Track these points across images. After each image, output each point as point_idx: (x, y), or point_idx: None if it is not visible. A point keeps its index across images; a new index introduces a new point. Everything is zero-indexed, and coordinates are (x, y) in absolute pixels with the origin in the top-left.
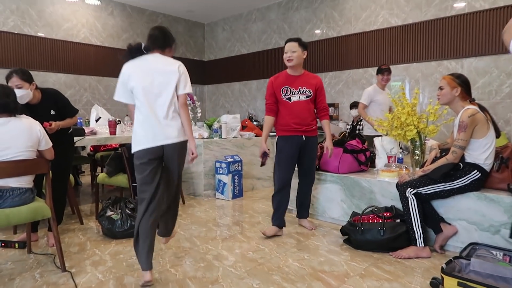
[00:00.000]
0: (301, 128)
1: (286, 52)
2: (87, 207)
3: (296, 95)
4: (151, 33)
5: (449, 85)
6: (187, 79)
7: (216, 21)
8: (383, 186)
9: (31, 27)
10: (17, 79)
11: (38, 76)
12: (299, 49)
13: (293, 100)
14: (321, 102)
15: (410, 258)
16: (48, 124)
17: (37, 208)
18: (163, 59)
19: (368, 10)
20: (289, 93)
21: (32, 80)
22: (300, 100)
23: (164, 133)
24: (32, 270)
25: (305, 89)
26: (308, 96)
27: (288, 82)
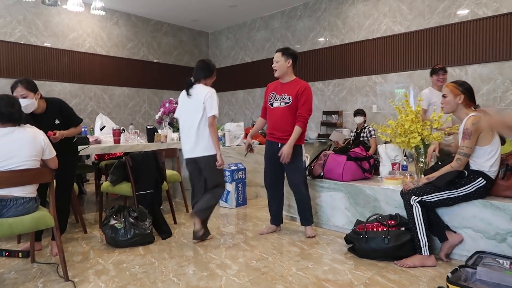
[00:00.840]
0: (276, 134)
1: (273, 62)
2: (91, 215)
3: (278, 101)
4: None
5: (452, 93)
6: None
7: (220, 30)
8: (387, 194)
9: (38, 37)
10: (22, 89)
11: (44, 86)
12: (282, 58)
13: (274, 106)
14: (299, 109)
15: (415, 267)
16: (52, 133)
17: (41, 218)
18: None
19: (371, 18)
20: (273, 99)
21: (36, 89)
22: (280, 107)
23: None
24: (35, 280)
25: (285, 96)
26: (287, 103)
27: (277, 89)
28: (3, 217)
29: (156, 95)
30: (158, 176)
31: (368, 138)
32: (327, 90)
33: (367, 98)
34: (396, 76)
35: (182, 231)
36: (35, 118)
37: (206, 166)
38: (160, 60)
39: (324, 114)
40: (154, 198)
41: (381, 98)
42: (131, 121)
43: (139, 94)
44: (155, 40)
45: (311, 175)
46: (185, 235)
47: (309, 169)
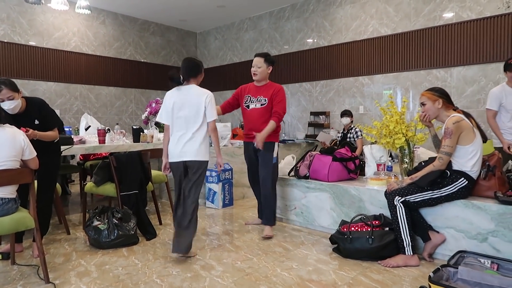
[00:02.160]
0: (252, 134)
1: (253, 66)
2: (75, 216)
3: (254, 103)
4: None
5: (430, 99)
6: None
7: (208, 30)
8: (372, 195)
9: (22, 36)
10: (7, 91)
11: (28, 85)
12: (264, 64)
13: (250, 108)
14: (274, 107)
15: (398, 267)
16: (25, 130)
17: (20, 219)
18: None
19: (358, 19)
20: (249, 101)
21: (18, 89)
22: (256, 108)
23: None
24: (14, 282)
25: (261, 98)
26: (263, 104)
27: (251, 91)
28: None
29: (143, 95)
30: (143, 176)
31: (355, 139)
32: (315, 91)
33: (354, 99)
34: (382, 77)
35: (167, 232)
36: (14, 117)
37: (197, 172)
38: (148, 60)
39: (312, 115)
40: (139, 198)
41: (368, 99)
42: (117, 121)
43: (126, 94)
44: (143, 39)
45: (297, 175)
46: (170, 236)
47: (295, 169)
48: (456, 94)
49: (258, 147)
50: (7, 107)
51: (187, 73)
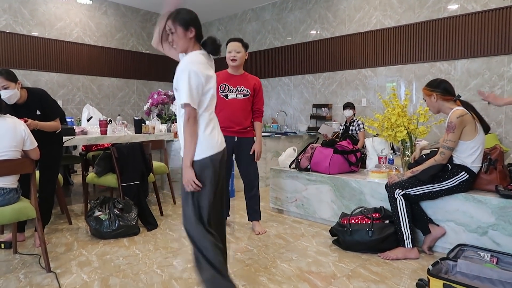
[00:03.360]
0: (233, 128)
1: (229, 51)
2: (77, 207)
3: (234, 93)
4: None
5: (426, 95)
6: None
7: (211, 21)
8: (372, 187)
9: (24, 26)
10: (2, 80)
11: (31, 76)
12: (243, 49)
13: (229, 98)
14: (257, 104)
15: (398, 259)
16: (24, 120)
17: (22, 209)
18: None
19: (361, 11)
20: (226, 90)
21: (17, 79)
22: (237, 98)
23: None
24: (16, 271)
25: (243, 88)
26: (245, 95)
27: (228, 80)
28: None
29: (146, 86)
30: (144, 167)
31: (357, 131)
32: (317, 83)
33: (357, 91)
34: (385, 69)
35: (168, 223)
36: (15, 108)
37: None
38: (150, 51)
39: (314, 107)
40: (140, 189)
41: (371, 92)
42: (119, 112)
43: (128, 85)
44: (145, 30)
45: (298, 167)
46: (171, 227)
47: (296, 161)
48: (460, 87)
49: (258, 159)
50: (3, 96)
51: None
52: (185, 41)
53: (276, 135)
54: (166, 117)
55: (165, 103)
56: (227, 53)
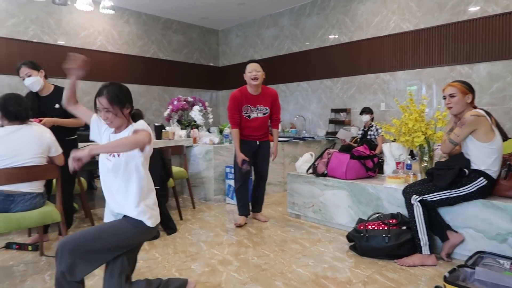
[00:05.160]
0: (255, 136)
1: (250, 71)
2: (100, 211)
3: (255, 112)
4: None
5: (462, 92)
6: None
7: (229, 28)
8: (389, 193)
9: (50, 35)
10: (25, 69)
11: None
12: (261, 70)
13: (252, 117)
14: (274, 114)
15: (415, 266)
16: (38, 120)
17: (47, 212)
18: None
19: (379, 15)
20: (249, 111)
21: (39, 68)
22: (258, 117)
23: None
24: (42, 272)
25: (262, 107)
26: (265, 113)
27: (249, 101)
28: (11, 212)
29: (166, 92)
30: (164, 172)
31: (375, 136)
32: (336, 88)
33: (375, 95)
34: (404, 73)
35: (188, 227)
36: (39, 99)
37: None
38: (170, 57)
39: (333, 112)
40: (160, 194)
41: (390, 96)
42: None
43: (150, 91)
44: (165, 38)
45: (315, 173)
46: (190, 231)
47: (313, 167)
48: (480, 90)
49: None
50: (27, 84)
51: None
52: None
53: (294, 140)
54: (185, 123)
55: (185, 109)
56: (248, 73)
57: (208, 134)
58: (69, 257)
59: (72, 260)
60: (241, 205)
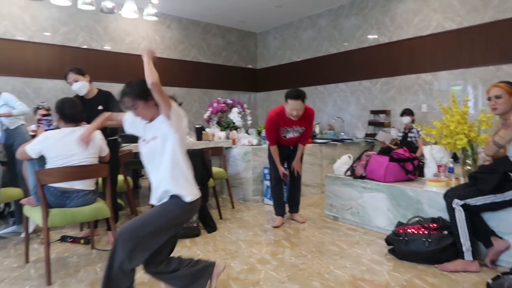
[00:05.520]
0: (290, 145)
1: (291, 110)
2: (145, 208)
3: (291, 132)
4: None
5: (508, 93)
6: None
7: (267, 30)
8: (430, 196)
9: (98, 42)
10: (73, 74)
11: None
12: (303, 105)
13: (288, 137)
14: (307, 132)
15: (457, 272)
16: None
17: (98, 209)
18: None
19: (420, 14)
20: (285, 132)
21: (84, 73)
22: (293, 136)
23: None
24: (94, 264)
25: (298, 128)
26: (300, 133)
27: (286, 124)
28: (66, 207)
29: (206, 95)
30: (205, 173)
31: (416, 138)
32: (375, 89)
33: (416, 97)
34: (447, 74)
35: (227, 226)
36: (84, 102)
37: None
38: (210, 61)
39: (372, 114)
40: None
41: (432, 97)
42: None
43: (190, 93)
44: (205, 41)
45: (353, 175)
46: (230, 230)
47: (351, 169)
48: None
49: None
50: (75, 89)
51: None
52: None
53: (332, 142)
54: (225, 125)
55: (224, 111)
56: (290, 109)
57: (246, 135)
58: (129, 244)
59: (132, 246)
60: (277, 205)
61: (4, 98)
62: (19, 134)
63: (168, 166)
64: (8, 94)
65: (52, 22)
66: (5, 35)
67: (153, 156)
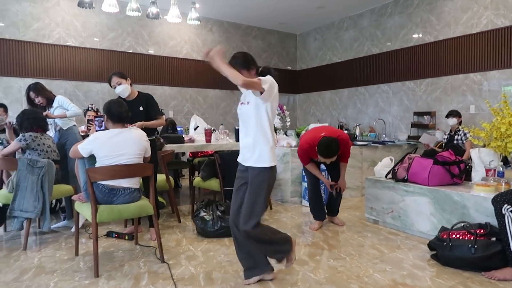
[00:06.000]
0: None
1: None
2: (185, 207)
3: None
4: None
5: None
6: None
7: (308, 31)
8: (477, 201)
9: (143, 46)
10: (116, 78)
11: (147, 89)
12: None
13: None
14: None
15: (506, 280)
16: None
17: (143, 206)
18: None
19: (469, 11)
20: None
21: (126, 77)
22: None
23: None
24: (137, 259)
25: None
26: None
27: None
28: (113, 203)
29: None
30: None
31: (463, 141)
32: (419, 90)
33: (464, 97)
34: (498, 73)
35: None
36: (126, 103)
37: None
38: None
39: (415, 115)
40: None
41: (481, 98)
42: (222, 121)
43: (230, 96)
44: (245, 44)
45: (395, 178)
46: None
47: (393, 172)
48: None
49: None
50: (118, 91)
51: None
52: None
53: (373, 144)
54: None
55: None
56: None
57: (285, 137)
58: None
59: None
60: (314, 209)
61: (59, 101)
62: (71, 135)
63: (254, 132)
64: (61, 97)
65: (101, 28)
66: (59, 41)
67: (245, 119)
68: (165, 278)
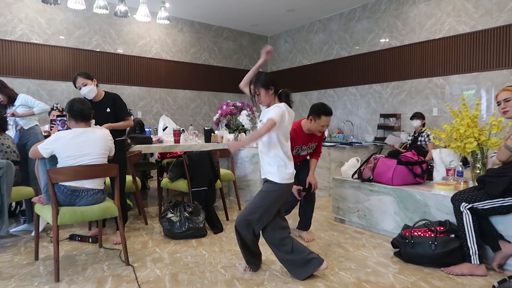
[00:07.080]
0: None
1: (324, 125)
2: (153, 209)
3: (305, 150)
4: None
5: None
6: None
7: (278, 34)
8: (438, 200)
9: (111, 45)
10: (81, 79)
11: (115, 89)
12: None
13: (301, 154)
14: (318, 147)
15: (463, 275)
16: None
17: (107, 208)
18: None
19: (433, 18)
20: (300, 150)
21: (92, 77)
22: (306, 153)
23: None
24: (101, 262)
25: (313, 144)
26: (312, 148)
27: (303, 142)
28: (76, 205)
29: (216, 98)
30: (212, 174)
31: (426, 142)
32: (385, 93)
33: (427, 100)
34: (459, 77)
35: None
36: (92, 104)
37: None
38: (221, 64)
39: (382, 117)
40: (208, 195)
41: (443, 101)
42: (192, 122)
43: (200, 96)
44: (216, 45)
45: (361, 178)
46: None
47: (359, 172)
48: None
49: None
50: (83, 93)
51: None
52: (268, 97)
53: (340, 145)
54: (234, 127)
55: (233, 114)
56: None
57: None
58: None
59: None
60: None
61: (21, 99)
62: (32, 135)
63: (268, 151)
64: (24, 95)
65: (67, 26)
66: (22, 38)
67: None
68: (129, 281)
